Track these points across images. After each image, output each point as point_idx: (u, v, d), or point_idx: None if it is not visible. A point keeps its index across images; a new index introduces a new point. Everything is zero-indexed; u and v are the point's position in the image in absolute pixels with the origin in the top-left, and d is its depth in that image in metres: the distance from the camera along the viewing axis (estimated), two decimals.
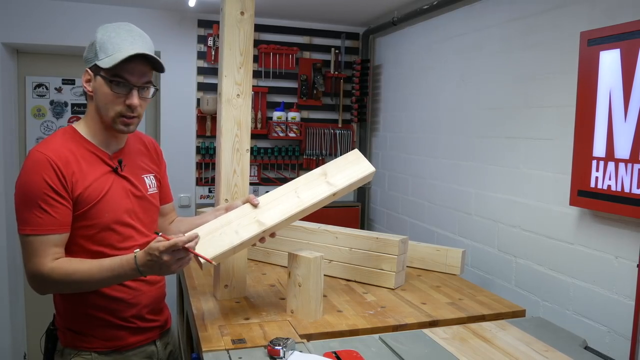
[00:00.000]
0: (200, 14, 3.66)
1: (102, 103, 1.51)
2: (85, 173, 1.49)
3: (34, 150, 1.45)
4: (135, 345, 1.63)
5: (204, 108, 3.63)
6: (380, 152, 3.87)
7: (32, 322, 3.71)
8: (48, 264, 1.42)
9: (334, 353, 1.52)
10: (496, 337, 1.68)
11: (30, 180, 1.42)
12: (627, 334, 1.80)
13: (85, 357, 1.56)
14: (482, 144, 2.63)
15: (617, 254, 1.85)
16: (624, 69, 1.74)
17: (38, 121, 3.68)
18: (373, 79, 3.95)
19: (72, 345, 1.57)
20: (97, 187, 1.51)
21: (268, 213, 1.68)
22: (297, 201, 1.72)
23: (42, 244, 1.42)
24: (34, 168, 1.43)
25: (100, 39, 1.51)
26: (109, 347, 1.58)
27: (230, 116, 1.90)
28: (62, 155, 1.46)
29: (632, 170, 1.71)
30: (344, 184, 1.77)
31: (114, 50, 1.47)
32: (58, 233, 1.45)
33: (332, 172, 1.80)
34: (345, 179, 1.78)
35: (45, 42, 3.39)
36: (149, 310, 1.66)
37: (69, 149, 1.49)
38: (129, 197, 1.59)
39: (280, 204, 1.71)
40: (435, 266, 2.44)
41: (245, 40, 1.89)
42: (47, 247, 1.43)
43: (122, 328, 1.59)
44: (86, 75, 1.53)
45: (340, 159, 1.84)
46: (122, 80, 1.48)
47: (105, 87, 1.49)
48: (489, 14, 2.58)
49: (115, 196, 1.55)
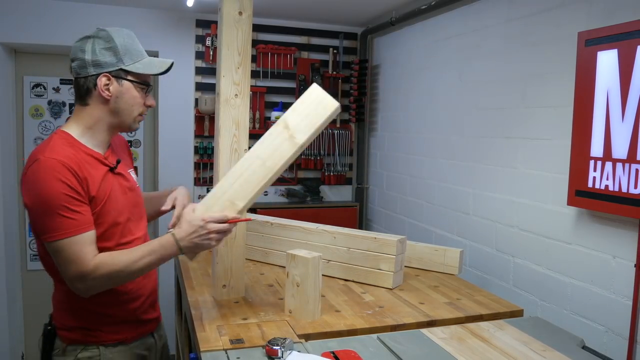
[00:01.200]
0: (198, 14, 3.66)
1: (127, 105, 1.57)
2: (92, 175, 1.51)
3: (43, 157, 1.43)
4: (137, 338, 1.69)
5: (202, 108, 3.63)
6: (378, 152, 3.87)
7: (30, 323, 3.70)
8: (90, 263, 1.43)
9: (332, 353, 1.52)
10: (494, 336, 1.68)
11: (49, 187, 1.40)
12: (624, 334, 1.80)
13: (92, 351, 1.58)
14: (480, 144, 2.63)
15: (614, 253, 1.86)
16: (622, 69, 1.74)
17: (36, 121, 3.67)
18: (371, 79, 3.95)
19: (78, 341, 1.58)
20: (103, 187, 1.54)
21: (238, 191, 1.62)
22: (264, 170, 1.62)
23: (78, 245, 1.43)
24: (50, 174, 1.41)
25: (122, 45, 1.54)
26: (116, 339, 1.62)
27: (228, 116, 1.90)
28: (72, 158, 1.46)
29: (629, 170, 1.72)
30: (309, 134, 1.62)
31: (139, 56, 1.57)
32: (89, 231, 1.46)
33: (293, 122, 1.64)
34: (308, 128, 1.62)
35: (43, 41, 3.39)
36: (149, 302, 1.72)
37: (73, 152, 1.50)
38: (126, 193, 1.64)
39: (248, 178, 1.63)
40: (434, 266, 2.44)
41: (244, 40, 1.89)
42: (84, 246, 1.44)
43: (127, 321, 1.64)
44: (103, 79, 1.52)
45: (299, 102, 1.66)
46: (147, 85, 1.60)
47: (134, 91, 1.57)
48: (487, 14, 2.59)
49: (117, 194, 1.59)
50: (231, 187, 1.63)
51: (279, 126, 1.65)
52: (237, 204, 1.61)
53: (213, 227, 1.50)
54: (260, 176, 1.63)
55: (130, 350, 1.65)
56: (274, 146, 1.64)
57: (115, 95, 1.54)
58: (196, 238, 1.50)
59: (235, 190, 1.62)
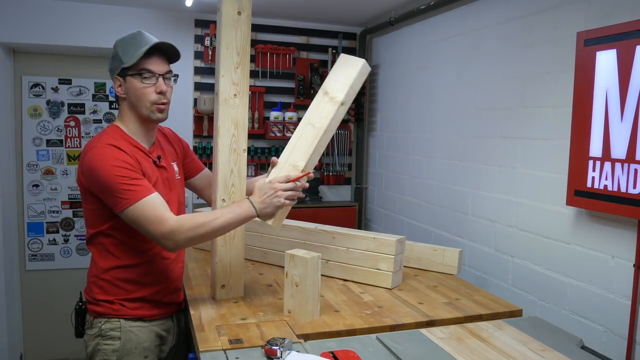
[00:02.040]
0: (197, 14, 3.66)
1: (135, 98, 1.74)
2: (142, 162, 1.72)
3: (100, 144, 1.65)
4: (157, 317, 1.85)
5: (201, 108, 3.63)
6: (377, 152, 3.88)
7: (29, 324, 3.69)
8: (172, 218, 1.61)
9: (331, 353, 1.52)
10: (493, 336, 1.68)
11: (109, 167, 1.60)
12: (623, 334, 1.81)
13: (113, 322, 1.77)
14: (479, 144, 2.63)
15: (613, 253, 1.86)
16: (620, 69, 1.74)
17: (34, 121, 3.67)
18: (370, 78, 3.95)
19: (103, 314, 1.77)
20: (149, 175, 1.74)
21: (297, 154, 1.86)
22: (315, 131, 1.87)
23: (150, 206, 1.60)
24: (109, 155, 1.62)
25: (121, 48, 1.74)
26: (135, 315, 1.79)
27: (227, 116, 1.90)
28: (124, 145, 1.69)
29: (628, 170, 1.72)
30: (345, 91, 1.90)
31: (135, 50, 1.70)
32: (155, 193, 1.65)
33: (330, 86, 1.93)
34: (344, 87, 1.91)
35: (41, 41, 3.38)
36: (172, 287, 1.89)
37: (123, 142, 1.71)
38: (167, 186, 1.84)
39: (303, 142, 1.88)
40: (433, 266, 2.44)
41: (243, 40, 1.89)
42: (157, 207, 1.61)
43: (148, 300, 1.81)
44: (116, 82, 1.76)
45: (332, 70, 1.97)
46: (148, 72, 1.72)
47: (136, 83, 1.72)
48: (485, 14, 2.59)
49: (161, 187, 1.79)
50: (290, 154, 1.87)
51: (319, 95, 1.93)
52: (299, 165, 1.84)
53: (279, 186, 1.71)
54: (312, 137, 1.88)
55: (148, 327, 1.82)
56: (319, 110, 1.91)
57: (126, 92, 1.75)
58: (267, 198, 1.70)
59: (294, 155, 1.86)
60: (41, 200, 3.72)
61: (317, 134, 1.86)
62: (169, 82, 1.81)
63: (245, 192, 1.92)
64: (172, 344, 1.94)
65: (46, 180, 3.72)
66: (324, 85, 1.94)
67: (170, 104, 1.82)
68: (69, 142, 3.76)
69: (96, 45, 3.41)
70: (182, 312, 2.01)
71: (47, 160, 3.72)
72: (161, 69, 1.76)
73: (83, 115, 3.76)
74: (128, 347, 1.77)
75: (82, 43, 3.42)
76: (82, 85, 3.73)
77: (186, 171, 2.07)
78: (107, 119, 3.81)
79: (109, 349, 1.76)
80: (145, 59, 1.72)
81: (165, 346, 1.91)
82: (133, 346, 1.78)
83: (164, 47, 1.77)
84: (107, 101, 3.81)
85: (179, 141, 2.07)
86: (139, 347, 1.79)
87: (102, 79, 3.76)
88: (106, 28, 3.41)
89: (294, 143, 1.89)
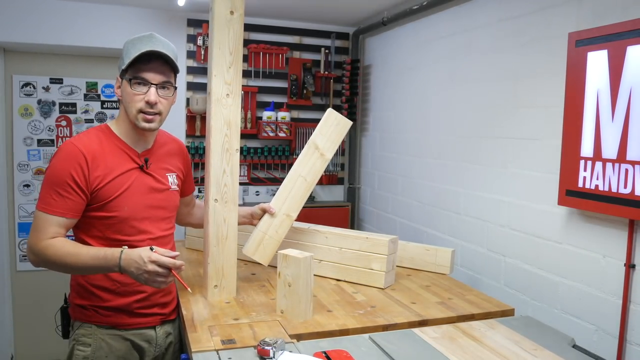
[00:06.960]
0: (189, 13, 3.65)
1: (126, 102, 1.70)
2: (111, 168, 1.68)
3: (69, 142, 1.65)
4: (134, 327, 1.77)
5: (193, 108, 3.62)
6: (370, 152, 3.88)
7: (20, 325, 3.66)
8: (44, 240, 1.59)
9: (323, 353, 1.52)
10: (485, 336, 1.69)
11: (58, 168, 1.62)
12: (614, 333, 1.82)
13: (86, 328, 1.74)
14: (470, 144, 2.64)
15: (604, 253, 1.87)
16: (612, 69, 1.75)
17: (25, 120, 3.64)
18: (363, 78, 3.95)
19: (79, 318, 1.75)
20: (119, 182, 1.68)
21: (290, 204, 2.10)
22: (306, 185, 2.12)
23: (46, 222, 1.60)
24: (65, 158, 1.62)
25: (125, 48, 1.70)
26: (108, 322, 1.74)
27: (219, 116, 1.89)
28: (92, 149, 1.65)
29: (619, 170, 1.73)
30: (333, 151, 2.16)
31: (134, 54, 1.65)
32: (64, 217, 1.62)
33: (321, 142, 2.14)
34: (333, 145, 2.16)
35: (32, 40, 3.35)
36: (152, 301, 1.80)
37: (100, 143, 1.69)
38: (151, 193, 1.77)
39: (297, 192, 2.11)
40: (425, 266, 2.44)
41: (235, 39, 1.88)
42: (49, 225, 1.60)
43: (121, 310, 1.74)
44: (117, 82, 1.74)
45: (322, 125, 2.15)
46: (141, 80, 1.66)
47: (127, 87, 1.68)
48: (477, 14, 2.59)
49: (135, 192, 1.72)
50: (284, 203, 2.10)
51: (311, 147, 2.14)
52: (292, 215, 2.11)
53: (152, 267, 1.51)
54: (304, 190, 2.12)
55: (123, 336, 1.76)
56: (310, 165, 2.13)
57: (122, 94, 1.72)
58: (134, 268, 1.52)
59: (288, 205, 2.10)
60: (32, 200, 3.69)
61: (308, 188, 2.12)
62: (166, 93, 1.71)
63: (239, 217, 2.00)
64: (155, 354, 1.84)
65: (37, 180, 3.69)
66: (314, 138, 2.14)
67: (164, 115, 1.74)
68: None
69: (88, 44, 3.38)
70: (170, 324, 1.90)
71: (38, 160, 3.69)
72: (156, 78, 1.67)
73: (74, 114, 3.74)
74: (98, 354, 1.72)
75: (73, 42, 3.39)
76: (73, 85, 3.70)
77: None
78: (99, 119, 3.79)
79: (80, 355, 1.72)
80: (143, 65, 1.65)
81: (146, 358, 1.81)
82: (104, 354, 1.73)
83: (162, 55, 1.67)
84: (98, 101, 3.78)
85: (187, 157, 2.01)
86: (111, 355, 1.73)
87: (94, 79, 3.73)
88: (98, 27, 3.39)
89: (287, 193, 2.11)
